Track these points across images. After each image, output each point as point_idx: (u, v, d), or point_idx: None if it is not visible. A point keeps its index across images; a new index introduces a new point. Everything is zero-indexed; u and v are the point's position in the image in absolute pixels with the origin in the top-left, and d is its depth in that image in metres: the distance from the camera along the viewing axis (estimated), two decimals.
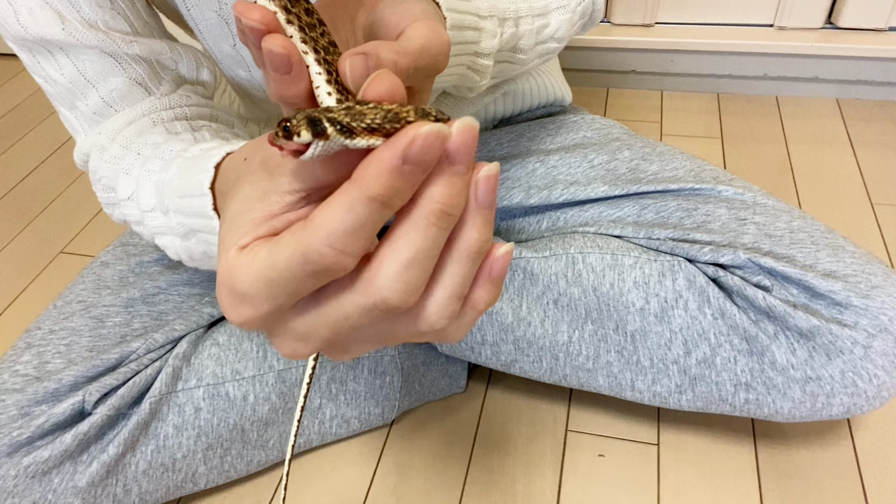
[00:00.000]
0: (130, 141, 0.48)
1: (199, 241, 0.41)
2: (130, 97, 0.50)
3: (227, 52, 0.56)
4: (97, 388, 0.57)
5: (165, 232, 0.44)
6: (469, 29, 0.44)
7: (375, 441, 0.70)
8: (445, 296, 0.25)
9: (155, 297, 0.65)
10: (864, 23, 1.06)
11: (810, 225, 0.60)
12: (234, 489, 0.67)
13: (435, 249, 0.24)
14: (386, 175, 0.22)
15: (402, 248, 0.23)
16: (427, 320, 0.25)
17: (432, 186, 0.23)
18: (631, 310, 0.58)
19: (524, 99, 0.75)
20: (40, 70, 0.49)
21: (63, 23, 0.46)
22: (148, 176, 0.44)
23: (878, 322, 0.53)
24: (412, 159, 0.22)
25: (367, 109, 0.23)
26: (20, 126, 1.26)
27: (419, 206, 0.23)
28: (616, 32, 1.14)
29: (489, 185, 0.24)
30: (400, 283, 0.23)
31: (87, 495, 0.57)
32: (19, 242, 1.01)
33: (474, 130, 0.23)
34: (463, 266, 0.25)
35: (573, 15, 0.54)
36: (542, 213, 0.68)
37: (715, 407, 0.60)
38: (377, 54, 0.27)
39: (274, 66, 0.26)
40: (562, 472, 0.66)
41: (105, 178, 0.49)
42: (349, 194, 0.22)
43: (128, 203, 0.47)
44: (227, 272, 0.25)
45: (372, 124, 0.22)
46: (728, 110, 1.13)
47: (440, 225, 0.23)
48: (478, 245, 0.24)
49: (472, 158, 0.23)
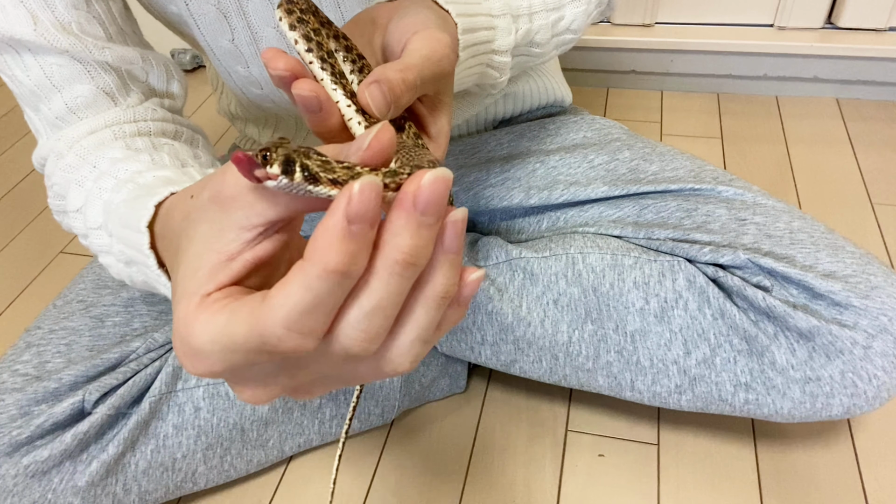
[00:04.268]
0: (88, 152, 0.47)
1: (139, 271, 0.40)
2: (95, 106, 0.49)
3: (225, 48, 0.55)
4: (97, 388, 0.57)
5: (108, 252, 0.43)
6: (483, 29, 0.44)
7: (375, 441, 0.70)
8: (410, 340, 0.25)
9: (155, 296, 0.65)
10: (864, 23, 1.06)
11: (810, 225, 0.60)
12: (234, 489, 0.67)
13: (398, 298, 0.23)
14: (337, 241, 0.21)
15: (364, 298, 0.23)
16: (391, 364, 0.25)
17: (398, 236, 0.22)
18: (631, 310, 0.58)
19: (524, 100, 0.75)
20: (6, 69, 0.48)
21: (35, 23, 0.45)
22: (99, 193, 0.43)
23: (877, 323, 0.53)
24: (355, 217, 0.21)
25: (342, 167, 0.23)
26: (20, 126, 1.26)
27: (383, 254, 0.22)
28: (616, 32, 1.14)
29: (455, 230, 0.23)
30: (360, 332, 0.23)
31: (86, 495, 0.57)
32: (19, 242, 1.01)
33: (447, 181, 0.22)
34: (429, 311, 0.24)
35: (588, 6, 0.54)
36: (543, 214, 0.68)
37: (715, 407, 0.60)
38: (386, 78, 0.29)
39: (306, 108, 0.28)
40: (562, 472, 0.66)
41: (57, 185, 0.48)
42: (303, 271, 0.21)
43: (76, 215, 0.46)
44: (184, 324, 0.24)
45: (338, 179, 0.23)
46: (728, 110, 1.13)
47: (404, 275, 0.22)
48: (444, 290, 0.24)
49: (443, 210, 0.22)
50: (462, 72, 0.44)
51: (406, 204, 0.22)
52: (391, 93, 0.29)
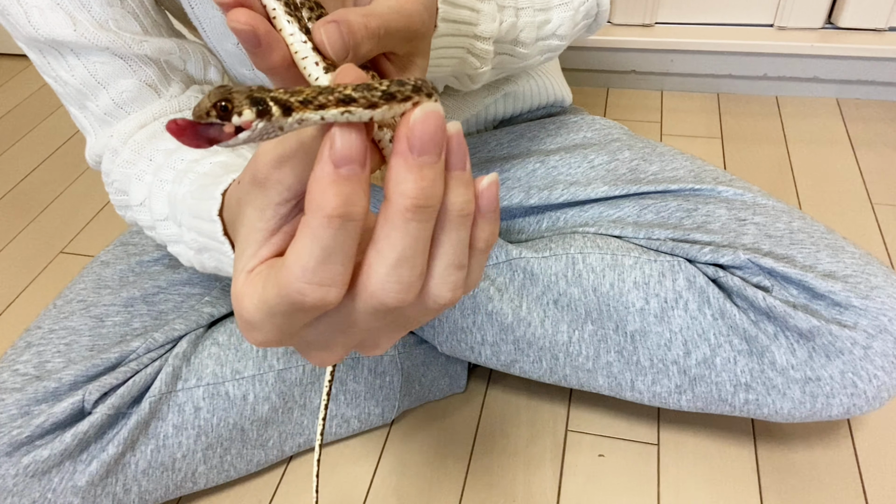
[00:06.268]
0: (142, 146, 0.48)
1: (211, 258, 0.41)
2: (140, 99, 0.50)
3: (230, 51, 0.56)
4: (97, 388, 0.57)
5: (178, 241, 0.44)
6: (465, 8, 0.44)
7: (375, 441, 0.70)
8: (442, 269, 0.24)
9: (155, 296, 0.65)
10: (864, 23, 1.06)
11: (810, 225, 0.60)
12: (234, 489, 0.67)
13: (421, 243, 0.23)
14: (329, 187, 0.21)
15: (387, 250, 0.23)
16: (432, 298, 0.25)
17: (402, 183, 0.22)
18: (631, 310, 0.58)
19: (525, 100, 0.75)
20: (50, 70, 0.49)
21: (74, 24, 0.46)
22: (160, 185, 0.44)
23: (877, 323, 0.53)
24: (340, 160, 0.21)
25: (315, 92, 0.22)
26: (20, 126, 1.26)
27: (393, 204, 0.22)
28: (616, 32, 1.14)
29: (455, 144, 0.23)
30: (392, 284, 0.23)
31: (86, 494, 0.57)
32: (19, 242, 1.01)
33: (438, 116, 0.22)
34: (451, 235, 0.24)
35: (575, 13, 0.54)
36: (543, 214, 0.68)
37: (715, 407, 0.60)
38: (347, 20, 0.27)
39: (242, 42, 0.26)
40: (562, 472, 0.66)
41: (117, 181, 0.49)
42: (307, 224, 0.22)
43: (140, 209, 0.47)
44: (237, 300, 0.25)
45: (321, 103, 0.22)
46: (728, 110, 1.13)
47: (418, 219, 0.22)
48: (460, 208, 0.24)
49: (441, 143, 0.22)
50: (441, 50, 0.44)
51: (402, 148, 0.22)
52: (350, 35, 0.27)
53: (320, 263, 0.22)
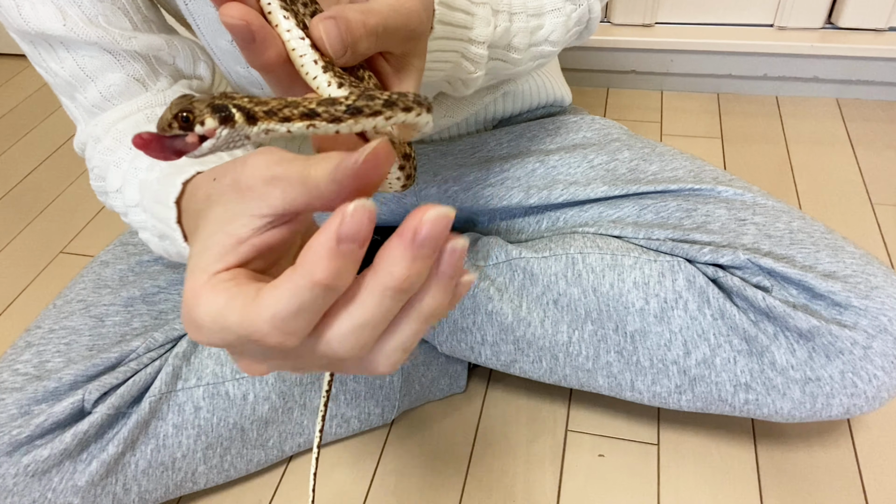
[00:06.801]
0: (124, 135, 0.49)
1: (171, 244, 0.41)
2: (128, 92, 0.50)
3: (224, 48, 0.56)
4: (97, 387, 0.57)
5: (145, 228, 0.45)
6: (461, 11, 0.44)
7: (375, 441, 0.70)
8: (392, 348, 0.26)
9: (155, 296, 0.65)
10: (864, 23, 1.06)
11: (810, 225, 0.60)
12: (234, 488, 0.67)
13: (389, 316, 0.24)
14: (326, 257, 0.22)
15: (357, 311, 0.24)
16: (372, 364, 0.26)
17: (394, 265, 0.23)
18: (631, 310, 0.58)
19: (524, 99, 0.75)
20: (42, 62, 0.50)
21: (64, 19, 0.46)
22: (135, 172, 0.45)
23: (877, 323, 0.53)
24: (345, 237, 0.22)
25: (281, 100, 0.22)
26: (20, 126, 1.26)
27: (378, 276, 0.23)
28: (616, 32, 1.14)
29: (453, 258, 0.24)
30: (351, 340, 0.24)
31: (86, 494, 0.57)
32: (19, 242, 1.01)
33: (448, 219, 0.23)
34: (413, 326, 0.25)
35: (567, 20, 0.54)
36: (542, 214, 0.68)
37: (715, 407, 0.60)
38: (345, 17, 0.27)
39: (235, 37, 0.26)
40: (562, 472, 0.66)
41: (97, 168, 0.50)
42: (292, 279, 0.23)
43: (115, 195, 0.48)
44: (191, 295, 0.25)
45: (286, 115, 0.22)
46: (728, 110, 1.13)
47: (396, 298, 0.24)
48: (431, 310, 0.25)
49: (441, 244, 0.23)
50: (435, 53, 0.44)
51: (406, 236, 0.23)
52: (349, 33, 0.27)
53: (292, 316, 0.23)
